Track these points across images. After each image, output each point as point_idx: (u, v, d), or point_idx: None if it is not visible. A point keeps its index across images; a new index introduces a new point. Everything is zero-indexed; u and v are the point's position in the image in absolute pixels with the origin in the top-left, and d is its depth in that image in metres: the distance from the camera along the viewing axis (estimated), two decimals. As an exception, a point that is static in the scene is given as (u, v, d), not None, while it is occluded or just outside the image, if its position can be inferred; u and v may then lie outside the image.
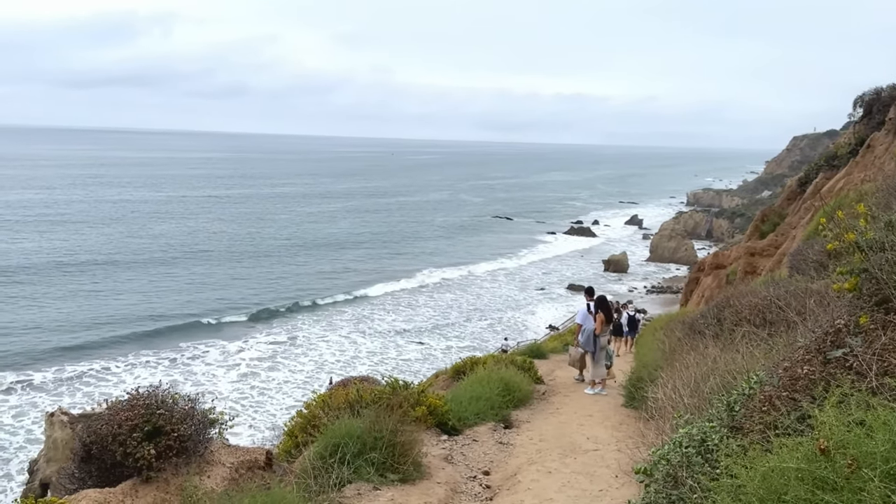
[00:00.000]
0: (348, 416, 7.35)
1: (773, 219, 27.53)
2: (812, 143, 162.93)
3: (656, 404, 5.93)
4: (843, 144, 27.03)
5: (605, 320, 13.37)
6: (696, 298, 31.29)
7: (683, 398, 5.41)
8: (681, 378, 5.93)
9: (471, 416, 8.90)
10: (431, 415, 8.48)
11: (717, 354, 6.22)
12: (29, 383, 46.03)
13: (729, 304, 9.47)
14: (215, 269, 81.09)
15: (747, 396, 3.91)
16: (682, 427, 3.95)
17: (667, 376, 6.74)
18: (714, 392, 5.03)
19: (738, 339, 8.10)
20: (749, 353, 5.91)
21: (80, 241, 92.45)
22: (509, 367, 12.61)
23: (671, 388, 5.83)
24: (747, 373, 5.02)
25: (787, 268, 13.78)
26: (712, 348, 7.02)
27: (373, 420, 6.68)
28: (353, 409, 7.88)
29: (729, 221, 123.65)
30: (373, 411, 7.00)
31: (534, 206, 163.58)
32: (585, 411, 10.24)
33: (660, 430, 5.52)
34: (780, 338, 6.62)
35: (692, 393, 5.46)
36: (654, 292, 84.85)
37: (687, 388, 5.60)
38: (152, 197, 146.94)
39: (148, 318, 60.58)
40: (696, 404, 5.17)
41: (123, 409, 5.30)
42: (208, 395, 31.61)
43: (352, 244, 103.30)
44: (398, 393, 8.76)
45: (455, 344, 60.83)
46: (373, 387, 8.73)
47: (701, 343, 8.04)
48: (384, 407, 7.95)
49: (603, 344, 13.26)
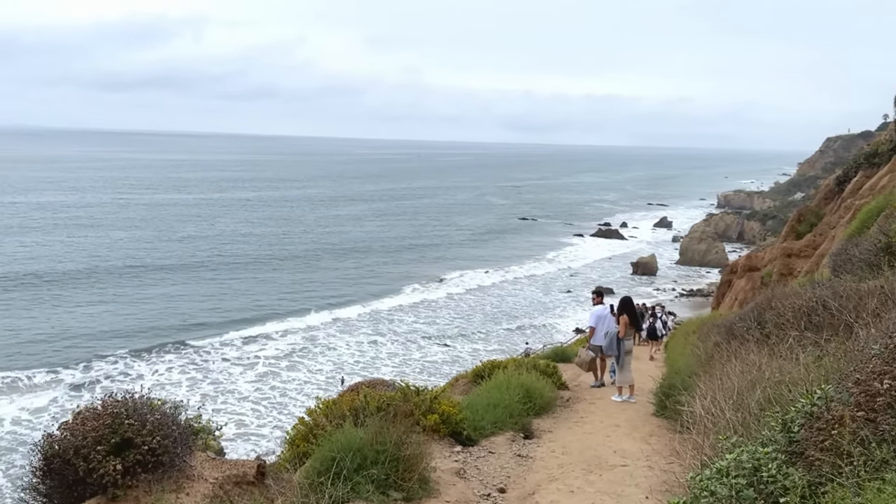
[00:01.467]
0: (352, 424, 6.75)
1: (811, 219, 26.45)
2: (846, 144, 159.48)
3: (693, 417, 5.22)
4: (883, 142, 25.87)
5: (630, 323, 12.57)
6: (728, 301, 30.25)
7: (725, 412, 4.71)
8: (721, 388, 5.22)
9: (488, 424, 8.25)
10: (444, 423, 7.85)
11: (763, 362, 5.49)
12: (58, 381, 46.55)
13: (770, 305, 8.70)
14: (240, 273, 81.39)
15: (809, 415, 3.19)
16: (729, 451, 3.25)
17: (704, 386, 6.03)
18: (762, 407, 4.32)
19: (784, 344, 7.35)
20: (800, 360, 5.17)
21: (108, 243, 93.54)
22: (531, 372, 11.93)
23: (710, 400, 5.12)
24: (804, 385, 4.31)
25: (830, 268, 12.90)
26: (755, 355, 6.28)
27: (376, 431, 6.07)
28: (358, 417, 7.28)
29: (761, 224, 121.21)
30: (377, 420, 6.39)
31: (561, 208, 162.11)
32: (612, 420, 9.52)
33: (697, 448, 4.82)
34: (835, 343, 5.88)
35: (736, 406, 4.76)
36: (683, 295, 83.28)
37: (729, 400, 4.89)
38: (181, 199, 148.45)
39: (172, 318, 60.82)
40: (741, 420, 4.47)
41: (89, 419, 4.75)
42: (227, 394, 31.18)
43: (377, 246, 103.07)
44: (409, 399, 8.14)
45: (482, 347, 60.12)
46: (382, 392, 8.12)
47: (742, 349, 7.29)
48: (391, 415, 7.32)
49: (629, 348, 12.47)
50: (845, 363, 4.71)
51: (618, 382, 12.42)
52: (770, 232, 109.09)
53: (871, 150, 26.18)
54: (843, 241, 14.70)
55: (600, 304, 13.39)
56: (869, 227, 14.44)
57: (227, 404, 45.29)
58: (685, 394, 8.57)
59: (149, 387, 43.51)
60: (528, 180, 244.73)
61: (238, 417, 43.57)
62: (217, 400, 45.82)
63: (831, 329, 7.79)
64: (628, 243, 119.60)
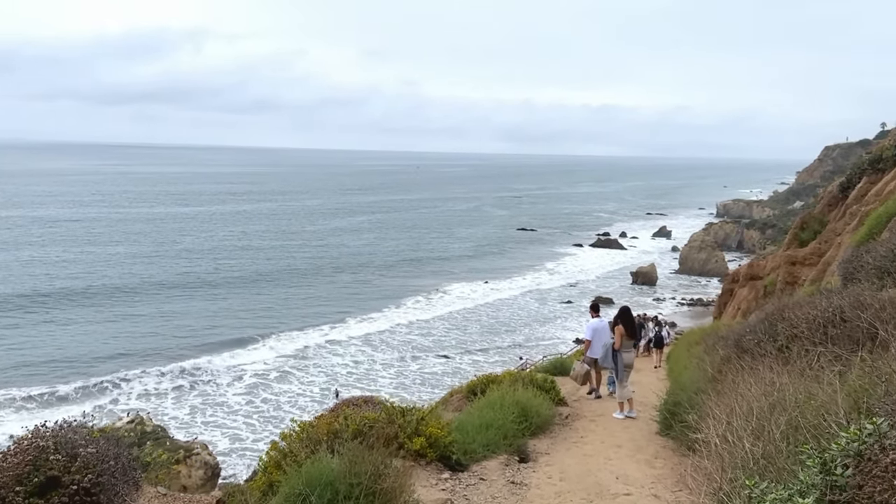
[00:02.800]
0: (327, 451, 6.14)
1: (814, 226, 25.86)
2: (844, 152, 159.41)
3: (705, 445, 4.61)
4: (887, 147, 25.33)
5: (627, 334, 11.91)
6: (731, 311, 29.61)
7: (744, 441, 4.10)
8: (736, 412, 4.62)
9: (479, 447, 7.61)
10: (432, 447, 7.23)
11: (784, 382, 4.88)
12: (54, 394, 46.08)
13: (782, 316, 8.09)
14: (236, 287, 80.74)
15: (859, 456, 2.58)
16: (759, 502, 2.63)
17: (717, 407, 5.42)
18: (788, 436, 3.71)
19: (802, 360, 6.73)
20: (825, 380, 4.56)
21: (104, 258, 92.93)
22: (528, 387, 11.29)
23: (724, 426, 4.51)
24: (834, 410, 3.71)
25: (840, 276, 12.30)
26: (771, 372, 5.66)
27: (351, 460, 5.45)
28: (336, 442, 6.66)
29: (760, 232, 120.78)
30: (354, 447, 5.77)
31: (560, 219, 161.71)
32: (614, 440, 8.89)
33: (710, 480, 4.21)
34: (861, 359, 5.27)
35: (755, 433, 4.15)
36: (684, 305, 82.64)
37: (747, 426, 4.29)
38: (180, 213, 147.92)
39: (165, 334, 60.08)
40: (763, 451, 3.86)
41: (10, 455, 4.13)
42: (217, 406, 30.38)
43: (375, 258, 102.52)
44: (394, 421, 7.52)
45: (481, 358, 59.47)
46: (365, 413, 7.50)
47: (755, 364, 6.67)
48: (371, 441, 6.70)
49: (628, 361, 11.87)
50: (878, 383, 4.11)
51: (618, 398, 11.88)
52: (770, 241, 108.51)
53: (874, 156, 25.64)
54: (853, 247, 14.12)
55: (597, 317, 13.13)
56: (878, 233, 13.88)
57: (216, 416, 44.72)
58: (692, 412, 7.96)
59: (126, 407, 42.66)
60: (527, 191, 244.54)
61: (233, 431, 42.93)
62: (206, 412, 45.27)
63: (850, 342, 7.18)
64: (628, 253, 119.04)
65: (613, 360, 12.02)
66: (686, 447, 7.93)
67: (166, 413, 44.26)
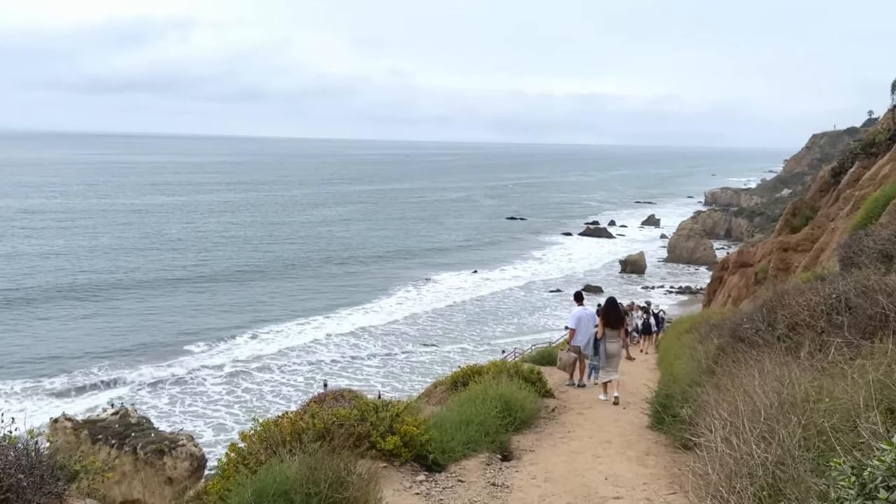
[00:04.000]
0: (289, 453, 5.57)
1: (806, 212, 25.45)
2: (832, 140, 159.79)
3: (707, 449, 4.07)
4: (881, 131, 24.92)
5: (609, 324, 11.99)
6: (721, 298, 29.23)
7: (752, 445, 3.56)
8: (741, 410, 4.08)
9: (458, 446, 7.06)
10: (407, 446, 6.67)
11: (793, 376, 4.33)
12: (38, 388, 45.38)
13: (781, 303, 7.57)
14: (222, 278, 79.84)
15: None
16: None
17: (717, 404, 4.88)
18: (802, 439, 3.17)
19: (803, 348, 6.20)
20: (843, 374, 4.02)
21: (89, 249, 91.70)
22: (513, 379, 10.76)
23: (728, 427, 3.97)
24: (852, 410, 3.18)
25: (838, 261, 11.82)
26: (775, 364, 5.12)
27: (310, 466, 4.88)
28: (301, 443, 6.09)
29: (748, 220, 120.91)
30: (315, 450, 5.20)
31: (549, 208, 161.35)
32: (603, 435, 8.37)
33: (715, 490, 3.67)
34: (875, 349, 4.75)
35: (766, 439, 3.61)
36: (672, 293, 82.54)
37: (754, 428, 3.75)
38: (166, 202, 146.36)
39: (148, 327, 59.20)
40: (776, 457, 3.32)
41: None
42: (195, 396, 29.70)
43: (364, 247, 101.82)
44: (367, 418, 6.95)
45: (470, 347, 59.13)
46: (334, 410, 6.93)
47: (758, 355, 6.14)
48: (339, 441, 6.14)
49: (614, 350, 11.88)
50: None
51: (601, 379, 12.02)
52: (758, 229, 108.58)
53: (867, 140, 25.23)
54: (850, 232, 13.65)
55: (581, 306, 13.15)
56: (876, 217, 13.42)
57: (195, 406, 44.27)
58: (686, 406, 7.44)
59: (106, 398, 41.94)
60: (517, 180, 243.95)
61: (216, 421, 42.41)
62: (185, 402, 44.81)
63: (856, 330, 6.67)
64: (616, 241, 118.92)
65: (595, 349, 12.20)
66: (679, 443, 7.42)
67: (145, 402, 43.73)
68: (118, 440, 38.76)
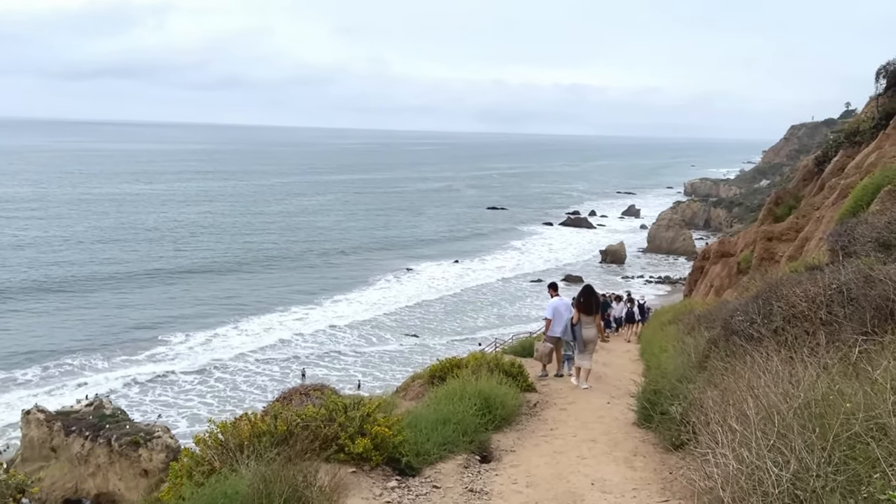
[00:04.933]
0: (245, 460, 5.03)
1: (789, 201, 25.23)
2: (810, 131, 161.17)
3: (709, 461, 3.60)
4: (865, 119, 24.70)
5: (584, 311, 12.38)
6: (703, 288, 29.01)
7: (766, 461, 3.09)
8: (751, 418, 3.61)
9: (434, 447, 6.55)
10: (378, 449, 6.16)
11: (807, 376, 3.87)
12: (12, 380, 44.53)
13: (777, 294, 7.14)
14: (199, 270, 78.65)
15: None
16: None
17: (715, 406, 4.42)
18: (819, 450, 2.70)
19: (802, 342, 5.77)
20: (858, 372, 3.56)
21: (63, 240, 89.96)
22: (494, 373, 10.28)
23: (737, 437, 3.50)
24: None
25: (828, 250, 11.46)
26: (781, 361, 4.67)
27: (263, 477, 4.36)
28: (262, 446, 5.55)
29: (727, 211, 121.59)
30: (272, 459, 4.67)
31: (530, 198, 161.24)
32: (588, 433, 7.92)
33: (707, 488, 3.20)
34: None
35: (778, 449, 3.14)
36: (652, 282, 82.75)
37: (766, 438, 3.28)
38: (143, 191, 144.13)
39: (120, 319, 58.11)
40: (794, 475, 2.85)
41: None
42: (167, 385, 29.06)
43: (344, 237, 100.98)
44: (335, 418, 6.42)
45: (450, 337, 58.82)
46: (299, 410, 6.40)
47: (754, 350, 5.69)
48: (303, 445, 5.61)
49: (588, 336, 12.26)
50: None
51: (576, 363, 12.38)
52: (737, 219, 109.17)
53: (851, 129, 25.00)
54: (838, 220, 13.32)
55: (556, 296, 13.21)
56: (865, 205, 13.09)
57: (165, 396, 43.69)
58: (675, 403, 7.01)
59: (81, 390, 41.10)
60: (498, 170, 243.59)
61: (190, 412, 41.77)
62: (157, 392, 44.16)
63: (859, 323, 6.26)
64: (597, 231, 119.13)
65: (573, 334, 12.48)
66: (669, 443, 6.98)
67: (119, 393, 43.11)
68: (92, 432, 37.94)
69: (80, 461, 37.15)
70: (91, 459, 37.16)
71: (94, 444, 37.10)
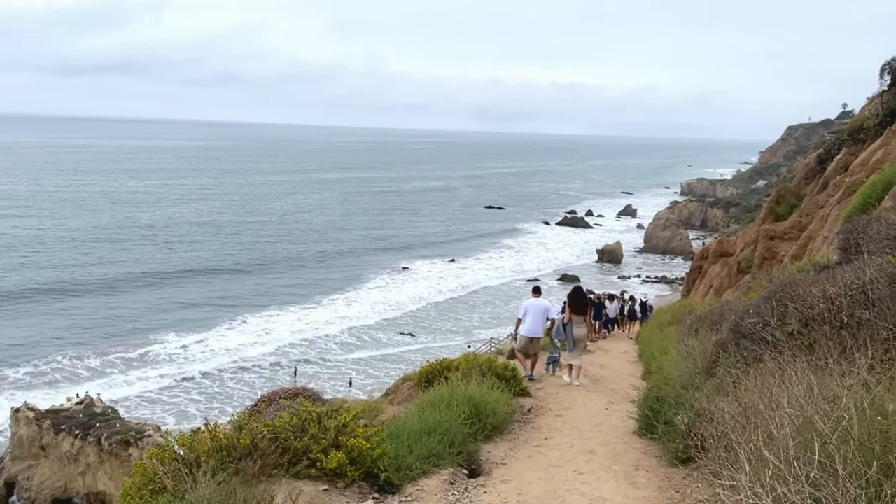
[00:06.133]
0: (199, 478, 4.45)
1: (790, 200, 24.72)
2: (807, 132, 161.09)
3: (738, 489, 3.02)
4: (868, 116, 24.21)
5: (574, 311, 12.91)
6: (702, 288, 28.49)
7: (805, 496, 2.51)
8: (784, 444, 3.03)
9: (417, 461, 5.95)
10: (354, 464, 5.58)
11: (841, 388, 3.29)
12: (4, 379, 43.89)
13: (791, 295, 6.57)
14: (192, 269, 77.83)
15: None
16: None
17: (735, 423, 3.84)
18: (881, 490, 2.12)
19: (823, 347, 5.19)
20: None
21: (56, 238, 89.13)
22: (486, 377, 9.72)
23: (770, 470, 2.92)
24: None
25: (838, 248, 10.90)
26: (801, 367, 4.08)
27: (209, 501, 3.77)
28: (224, 462, 4.97)
29: (724, 211, 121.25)
30: (226, 480, 4.09)
31: (527, 196, 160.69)
32: (584, 443, 7.34)
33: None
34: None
35: (818, 483, 2.56)
36: (648, 282, 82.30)
37: (807, 468, 2.70)
38: (139, 187, 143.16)
39: (113, 317, 57.42)
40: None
41: None
42: (161, 384, 28.36)
43: (340, 235, 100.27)
44: (307, 429, 5.83)
45: (445, 336, 58.32)
46: (268, 420, 5.81)
47: (774, 358, 5.12)
48: (269, 461, 5.02)
49: (579, 335, 12.78)
50: None
51: (567, 361, 12.82)
52: (733, 219, 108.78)
53: (854, 126, 24.49)
54: (845, 218, 12.77)
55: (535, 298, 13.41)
56: (874, 202, 12.55)
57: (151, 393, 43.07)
58: (681, 412, 6.44)
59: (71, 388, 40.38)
60: (495, 169, 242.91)
61: (178, 409, 41.23)
62: (147, 389, 43.55)
63: (883, 328, 5.69)
64: (594, 231, 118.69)
65: (563, 333, 12.95)
66: (674, 456, 6.41)
67: (111, 392, 42.49)
68: (82, 430, 37.29)
69: (70, 460, 36.57)
70: (81, 458, 36.57)
71: (83, 443, 36.51)
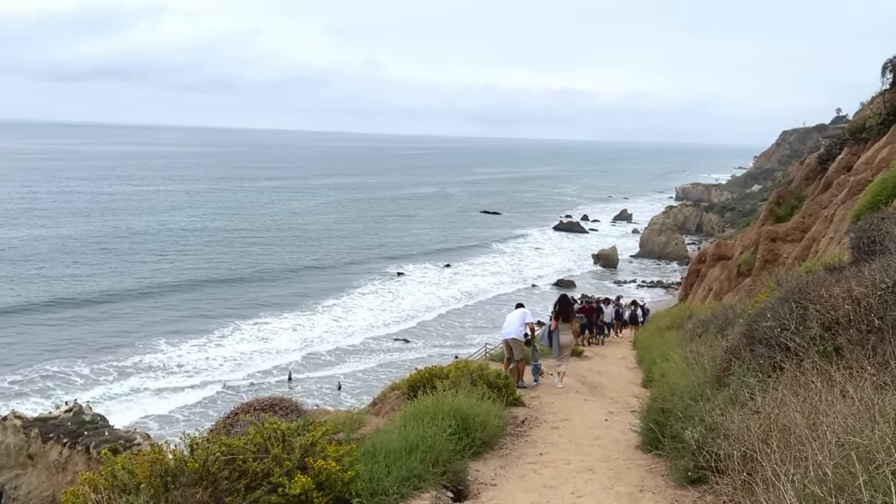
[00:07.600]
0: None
1: (791, 201, 24.17)
2: (801, 137, 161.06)
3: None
4: (871, 115, 23.69)
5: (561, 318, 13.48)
6: (700, 292, 27.89)
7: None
8: (804, 454, 2.39)
9: (396, 483, 5.26)
10: (321, 489, 4.89)
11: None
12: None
13: (810, 296, 5.94)
14: (187, 277, 77.04)
15: None
16: None
17: (763, 445, 3.20)
18: None
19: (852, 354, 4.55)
20: None
21: (49, 245, 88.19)
22: (477, 385, 9.06)
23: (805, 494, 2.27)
24: None
25: (850, 248, 10.30)
26: (840, 379, 3.43)
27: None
28: (167, 489, 4.30)
29: (719, 216, 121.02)
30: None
31: (522, 202, 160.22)
32: (583, 460, 6.67)
33: None
34: None
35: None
36: (644, 287, 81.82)
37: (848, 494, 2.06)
38: (133, 192, 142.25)
39: (104, 326, 56.54)
40: None
41: None
42: (147, 390, 27.53)
43: (335, 240, 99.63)
44: (269, 450, 5.15)
45: (440, 343, 57.62)
46: (226, 439, 5.13)
47: (798, 366, 4.48)
48: (227, 485, 4.35)
49: (565, 342, 13.33)
50: None
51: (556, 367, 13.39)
52: (728, 223, 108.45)
53: (856, 126, 23.95)
54: (853, 218, 12.18)
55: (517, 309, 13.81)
56: (884, 201, 11.96)
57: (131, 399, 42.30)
58: (690, 427, 5.79)
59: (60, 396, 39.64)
60: (491, 174, 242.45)
61: (169, 418, 40.46)
62: (132, 395, 42.72)
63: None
64: (589, 236, 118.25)
65: (549, 340, 13.51)
66: (682, 475, 5.75)
67: (97, 400, 41.70)
68: (70, 439, 36.42)
69: (58, 469, 35.70)
70: (69, 467, 35.70)
71: (72, 452, 35.63)
